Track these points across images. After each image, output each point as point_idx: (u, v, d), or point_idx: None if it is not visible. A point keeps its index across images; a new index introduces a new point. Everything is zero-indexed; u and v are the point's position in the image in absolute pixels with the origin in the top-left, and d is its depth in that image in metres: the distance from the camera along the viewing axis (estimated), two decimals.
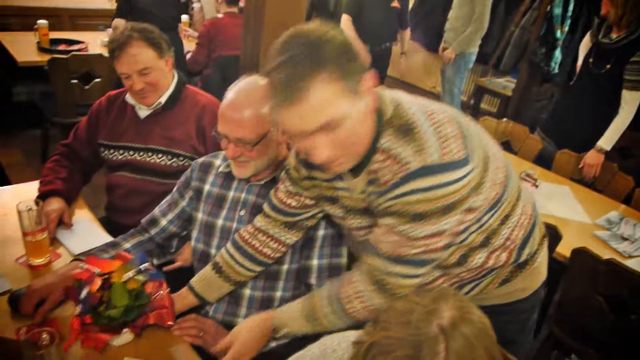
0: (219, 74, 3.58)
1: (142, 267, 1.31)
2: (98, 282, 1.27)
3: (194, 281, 1.47)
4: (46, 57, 3.32)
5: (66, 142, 1.96)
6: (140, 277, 1.29)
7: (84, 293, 1.24)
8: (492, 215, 1.20)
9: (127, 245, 1.59)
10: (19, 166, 3.68)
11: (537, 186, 2.37)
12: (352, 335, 1.05)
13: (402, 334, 0.77)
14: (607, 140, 2.70)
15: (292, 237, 1.43)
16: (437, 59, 5.11)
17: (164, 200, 1.67)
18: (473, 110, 5.64)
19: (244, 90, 1.40)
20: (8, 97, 4.34)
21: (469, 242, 1.21)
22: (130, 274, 1.28)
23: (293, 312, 1.31)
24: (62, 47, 3.73)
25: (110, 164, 1.93)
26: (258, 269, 1.45)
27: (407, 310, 0.80)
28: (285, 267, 1.48)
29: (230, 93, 1.41)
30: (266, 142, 1.41)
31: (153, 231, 1.64)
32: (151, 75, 1.77)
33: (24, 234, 1.49)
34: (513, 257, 1.29)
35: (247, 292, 1.50)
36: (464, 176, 1.05)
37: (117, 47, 1.72)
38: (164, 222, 1.63)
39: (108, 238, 1.69)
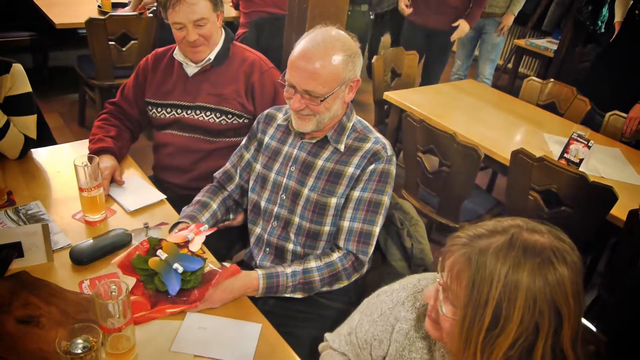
0: (255, 35, 3.52)
1: (193, 268, 1.25)
2: (179, 239, 1.28)
3: None
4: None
5: (114, 100, 1.95)
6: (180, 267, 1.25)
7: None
8: None
9: (215, 205, 1.60)
10: (58, 130, 3.71)
11: (589, 147, 2.28)
12: (432, 274, 1.06)
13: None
14: None
15: None
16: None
17: (234, 154, 1.67)
18: (511, 74, 5.47)
19: (320, 41, 1.35)
20: (44, 62, 4.37)
21: None
22: (170, 257, 1.24)
23: None
24: (120, 11, 3.71)
25: (158, 122, 1.92)
26: None
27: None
28: (326, 228, 1.47)
29: (304, 42, 1.37)
30: (334, 98, 1.38)
31: (230, 188, 1.66)
32: (206, 28, 1.73)
33: (80, 190, 1.50)
34: None
35: (290, 246, 1.51)
36: None
37: None
38: (237, 178, 1.64)
39: (160, 195, 1.69)
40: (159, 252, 1.24)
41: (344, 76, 1.36)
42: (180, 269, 1.22)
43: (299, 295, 1.41)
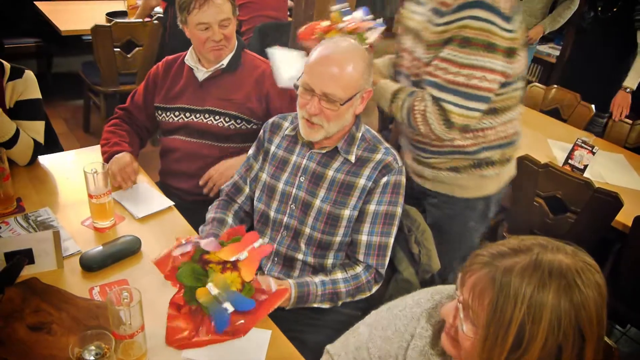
0: (259, 41, 3.53)
1: (245, 309, 1.14)
2: (231, 255, 1.18)
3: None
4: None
5: (124, 105, 1.98)
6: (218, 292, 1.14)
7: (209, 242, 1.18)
8: (499, 95, 1.51)
9: (230, 220, 1.57)
10: (62, 135, 3.72)
11: (594, 153, 2.29)
12: (446, 288, 1.05)
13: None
14: (632, 79, 2.87)
15: None
16: None
17: (242, 165, 1.66)
18: None
19: (340, 47, 1.37)
20: (48, 68, 4.39)
21: None
22: (221, 294, 1.14)
23: (389, 85, 1.63)
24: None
25: (166, 126, 1.93)
26: None
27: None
28: (338, 239, 1.47)
29: (322, 48, 1.38)
30: (349, 105, 1.38)
31: (240, 200, 1.63)
32: (229, 28, 1.79)
33: (90, 197, 1.51)
34: (472, 150, 1.60)
35: (300, 256, 1.51)
36: (507, 30, 1.39)
37: None
38: (247, 189, 1.62)
39: (168, 202, 1.70)
40: (209, 285, 1.14)
41: (360, 84, 1.38)
42: (231, 309, 1.13)
43: (326, 305, 1.41)
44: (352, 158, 1.45)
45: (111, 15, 3.73)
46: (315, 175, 1.48)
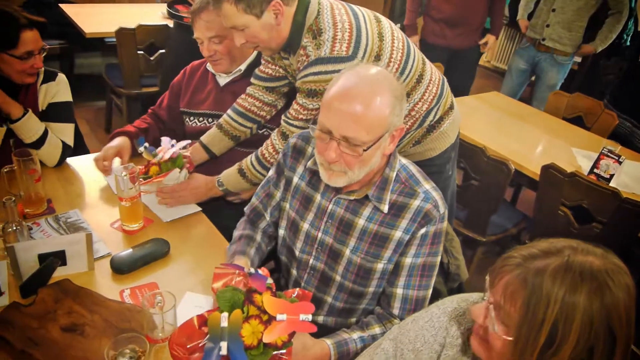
0: None
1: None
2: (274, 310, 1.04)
3: (202, 137, 1.87)
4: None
5: (153, 107, 2.03)
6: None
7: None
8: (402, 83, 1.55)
9: (258, 237, 1.48)
10: (84, 136, 3.75)
11: (620, 162, 2.26)
12: (471, 296, 1.05)
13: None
14: None
15: (273, 100, 1.83)
16: None
17: (261, 187, 1.51)
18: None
19: (364, 78, 1.16)
20: (71, 69, 4.44)
21: None
22: (226, 330, 1.00)
23: (231, 170, 1.74)
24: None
25: (190, 130, 1.96)
26: (250, 125, 1.85)
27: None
28: (371, 289, 1.35)
29: (343, 79, 1.16)
30: (376, 149, 1.18)
31: (262, 225, 1.50)
32: (222, 44, 1.79)
33: (120, 200, 1.52)
34: (417, 125, 1.72)
35: (329, 299, 1.41)
36: None
37: (193, 11, 1.76)
38: (267, 217, 1.49)
39: (196, 206, 1.71)
40: (223, 315, 1.01)
41: (389, 122, 1.16)
42: (224, 351, 0.98)
43: None
44: (385, 208, 1.26)
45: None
46: (344, 222, 1.31)
